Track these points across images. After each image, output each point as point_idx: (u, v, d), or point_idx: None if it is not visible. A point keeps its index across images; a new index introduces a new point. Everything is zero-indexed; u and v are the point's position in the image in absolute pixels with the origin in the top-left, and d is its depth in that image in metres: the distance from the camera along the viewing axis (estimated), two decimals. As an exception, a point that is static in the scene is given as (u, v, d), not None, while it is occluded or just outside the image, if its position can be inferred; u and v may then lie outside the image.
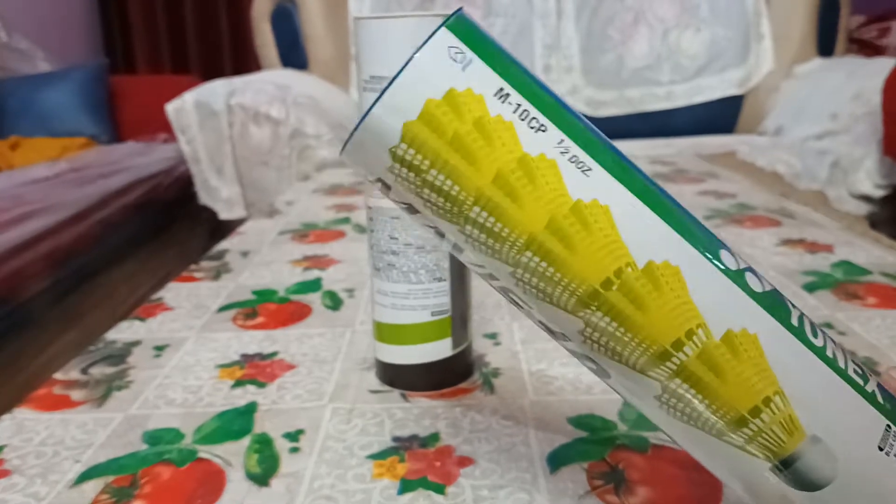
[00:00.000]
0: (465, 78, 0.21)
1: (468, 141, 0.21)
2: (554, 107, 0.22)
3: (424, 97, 0.21)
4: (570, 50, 1.72)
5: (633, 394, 0.24)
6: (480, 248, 0.23)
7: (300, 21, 1.82)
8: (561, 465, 0.35)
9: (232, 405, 0.42)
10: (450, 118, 0.21)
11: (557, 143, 0.21)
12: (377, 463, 0.36)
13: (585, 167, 0.21)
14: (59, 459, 0.37)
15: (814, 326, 0.23)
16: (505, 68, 0.22)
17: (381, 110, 0.21)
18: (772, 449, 0.22)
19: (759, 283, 0.22)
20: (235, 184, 1.50)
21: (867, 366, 0.45)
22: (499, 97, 0.21)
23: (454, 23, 0.22)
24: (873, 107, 1.29)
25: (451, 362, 0.43)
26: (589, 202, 0.21)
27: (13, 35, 2.48)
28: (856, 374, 0.22)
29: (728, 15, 1.70)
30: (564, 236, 0.21)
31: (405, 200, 0.23)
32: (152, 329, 0.54)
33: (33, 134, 2.29)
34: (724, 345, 0.21)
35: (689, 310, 0.21)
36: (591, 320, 0.22)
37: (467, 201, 0.22)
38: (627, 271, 0.21)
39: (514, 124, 0.21)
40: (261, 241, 0.78)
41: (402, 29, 0.36)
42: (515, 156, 0.21)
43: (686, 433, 0.23)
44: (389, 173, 0.22)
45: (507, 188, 0.21)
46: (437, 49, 0.21)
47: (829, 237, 0.74)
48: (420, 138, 0.21)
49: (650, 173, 1.15)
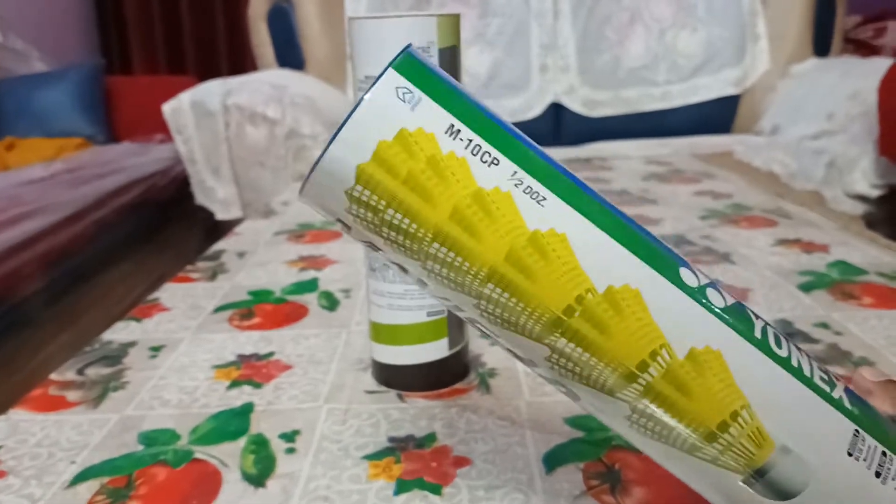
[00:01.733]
0: (416, 117, 0.21)
1: (422, 179, 0.21)
2: (506, 139, 0.22)
3: (376, 139, 0.21)
4: (566, 50, 1.72)
5: (604, 414, 0.24)
6: (443, 282, 0.23)
7: (296, 21, 1.82)
8: (557, 466, 0.35)
9: (228, 406, 0.42)
10: (402, 158, 0.21)
11: (511, 175, 0.22)
12: (373, 463, 0.36)
13: (540, 197, 0.22)
14: (54, 460, 0.37)
15: (778, 337, 0.23)
16: (455, 104, 0.22)
17: (335, 152, 0.22)
18: (742, 461, 0.22)
19: (720, 299, 0.23)
20: (232, 184, 1.50)
21: (863, 366, 0.45)
22: (450, 134, 0.22)
23: (401, 62, 0.22)
24: (869, 107, 1.29)
25: (448, 363, 0.43)
26: (546, 231, 0.22)
27: (9, 35, 2.47)
28: (822, 381, 0.23)
29: (724, 15, 1.71)
30: (524, 267, 0.22)
31: (366, 239, 0.24)
32: (148, 330, 0.54)
33: (29, 134, 2.29)
34: (689, 363, 0.22)
35: (651, 331, 0.22)
36: (557, 346, 0.22)
37: (426, 238, 0.22)
38: (588, 297, 0.22)
39: (466, 160, 0.22)
40: (257, 242, 0.78)
41: (397, 29, 0.36)
42: (470, 191, 0.22)
43: (659, 450, 0.23)
44: (348, 214, 0.23)
45: (464, 223, 0.22)
46: (385, 90, 0.21)
47: (825, 237, 0.74)
48: (375, 179, 0.22)
49: (646, 173, 1.16)
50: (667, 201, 0.94)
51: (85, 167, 1.96)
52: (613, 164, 1.27)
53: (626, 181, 1.10)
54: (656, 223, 0.82)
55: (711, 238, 0.75)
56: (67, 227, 1.65)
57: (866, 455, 0.22)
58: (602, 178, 1.13)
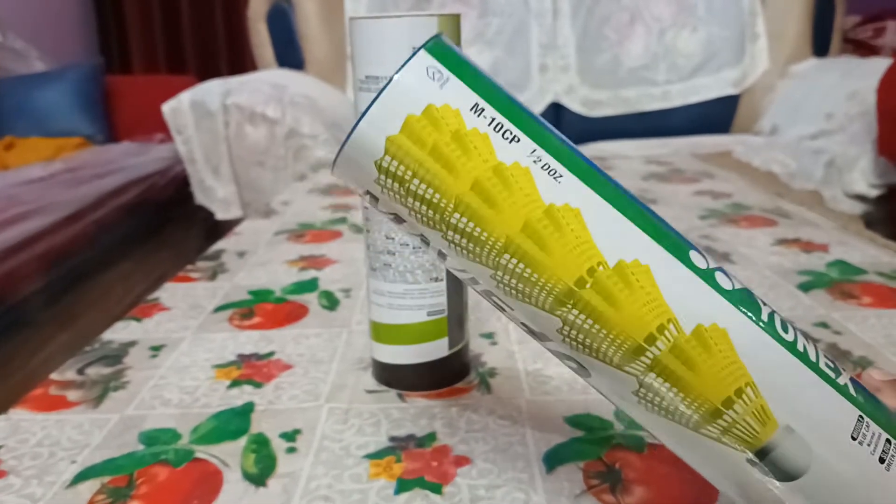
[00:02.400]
0: (443, 95, 0.23)
1: (447, 151, 0.23)
2: (527, 120, 0.24)
3: (405, 112, 0.23)
4: (566, 49, 1.73)
5: (612, 391, 0.24)
6: (462, 252, 0.24)
7: (296, 21, 1.82)
8: (557, 465, 0.36)
9: (228, 405, 0.42)
10: (429, 131, 0.23)
11: (530, 153, 0.23)
12: (374, 463, 0.36)
13: (557, 174, 0.23)
14: (55, 460, 0.37)
15: (785, 323, 0.24)
16: (480, 86, 0.23)
17: (366, 126, 0.23)
18: (747, 440, 0.23)
19: (728, 282, 0.24)
20: (231, 184, 1.50)
21: (862, 365, 0.45)
22: (474, 111, 0.23)
23: (433, 45, 0.24)
24: (868, 107, 1.29)
25: (448, 362, 0.43)
26: (561, 206, 0.23)
27: (8, 34, 2.47)
28: (828, 367, 0.23)
29: (724, 14, 1.71)
30: (539, 238, 0.23)
31: (392, 210, 0.25)
32: (148, 329, 0.54)
33: (28, 134, 2.29)
34: (695, 339, 0.22)
35: (659, 305, 0.22)
36: (568, 318, 0.23)
37: (448, 208, 0.23)
38: (599, 270, 0.23)
39: (489, 136, 0.23)
40: (257, 242, 0.78)
41: (397, 29, 0.36)
42: (491, 164, 0.23)
43: (666, 429, 0.24)
44: (376, 185, 0.24)
45: (484, 195, 0.23)
46: (416, 69, 0.23)
47: (824, 237, 0.74)
48: (403, 150, 0.23)
49: (646, 173, 1.16)
50: (667, 201, 0.94)
51: (84, 167, 1.96)
52: (613, 163, 1.27)
53: (626, 181, 1.10)
54: (656, 223, 0.82)
55: (711, 237, 0.75)
56: (67, 226, 1.65)
57: (870, 440, 0.22)
58: (602, 177, 1.13)
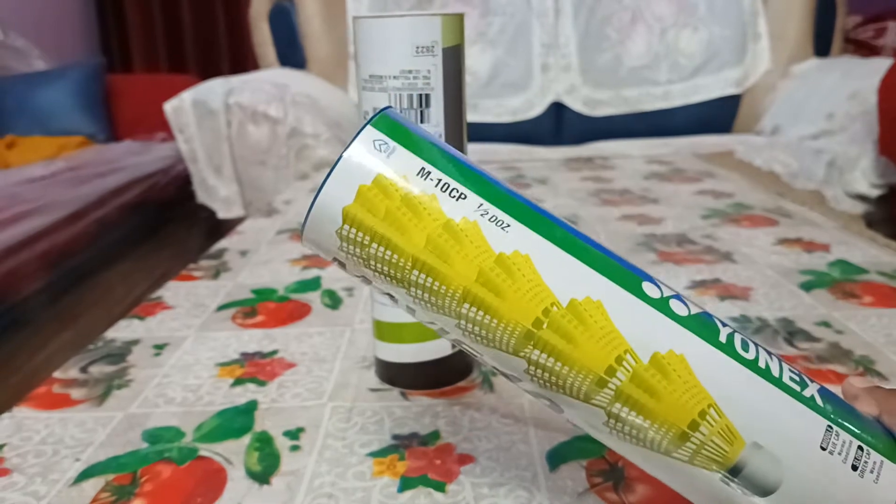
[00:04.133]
0: (391, 163, 0.25)
1: (399, 215, 0.25)
2: (472, 176, 0.25)
3: (357, 184, 0.25)
4: (567, 49, 1.72)
5: (585, 423, 0.26)
6: (426, 306, 0.26)
7: (298, 20, 1.82)
8: (560, 463, 0.36)
9: (232, 403, 0.42)
10: (381, 198, 0.25)
11: (477, 207, 0.25)
12: (377, 461, 0.36)
13: (504, 224, 0.25)
14: (58, 458, 0.37)
15: (745, 342, 0.25)
16: (425, 151, 0.25)
17: (323, 199, 0.25)
18: (717, 459, 0.23)
19: (684, 308, 0.25)
20: (233, 183, 1.50)
21: (864, 364, 0.46)
22: (421, 175, 0.25)
23: (378, 120, 0.26)
24: (869, 107, 1.29)
25: (451, 361, 0.43)
26: (510, 253, 0.24)
27: (9, 33, 2.47)
28: (792, 381, 0.24)
29: (725, 14, 1.71)
30: (493, 286, 0.24)
31: (359, 273, 0.27)
32: (151, 328, 0.54)
33: (30, 133, 2.28)
34: (653, 366, 0.23)
35: (615, 338, 0.24)
36: (532, 358, 0.25)
37: (407, 266, 0.25)
38: (553, 310, 0.24)
39: (436, 196, 0.25)
40: (259, 241, 0.78)
41: (402, 28, 0.36)
42: (441, 222, 0.25)
43: (641, 455, 0.25)
44: (340, 251, 0.26)
45: (437, 251, 0.24)
46: (364, 143, 0.25)
47: (825, 236, 0.74)
48: (358, 218, 0.25)
49: (647, 173, 1.16)
50: (668, 200, 0.94)
51: (86, 166, 1.96)
52: (615, 163, 1.27)
53: (628, 180, 1.10)
54: (658, 222, 0.82)
55: (713, 237, 0.75)
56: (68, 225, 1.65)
57: (841, 449, 0.23)
58: (603, 177, 1.14)
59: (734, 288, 0.60)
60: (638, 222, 0.83)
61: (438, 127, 0.38)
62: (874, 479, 0.23)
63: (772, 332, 0.51)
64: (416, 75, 0.37)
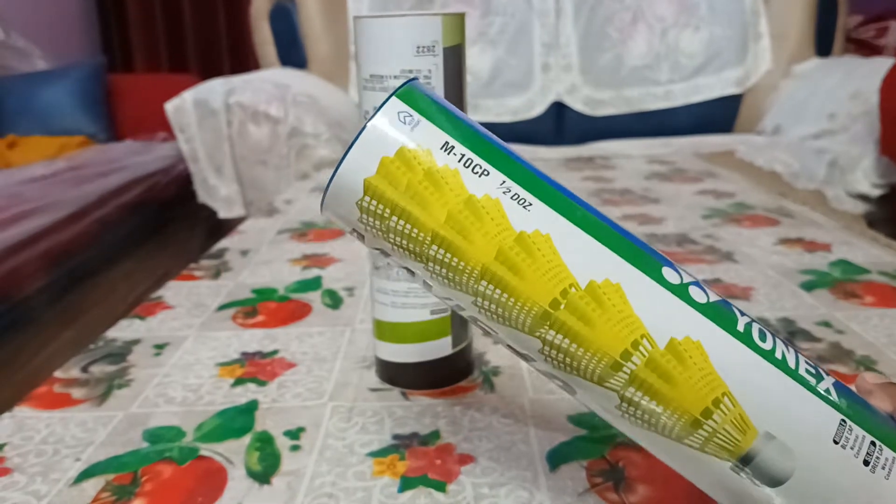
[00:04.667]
0: (414, 136, 0.25)
1: (420, 189, 0.24)
2: (496, 153, 0.25)
3: (380, 155, 0.24)
4: (568, 49, 1.72)
5: (598, 406, 0.25)
6: (444, 281, 0.25)
7: (299, 20, 1.82)
8: (561, 463, 0.36)
9: (232, 403, 0.42)
10: (403, 171, 0.24)
11: (500, 185, 0.24)
12: (377, 461, 0.36)
13: (526, 203, 0.24)
14: (59, 458, 0.37)
15: (763, 332, 0.24)
16: (449, 125, 0.25)
17: (345, 169, 0.25)
18: (728, 448, 0.23)
19: (703, 295, 0.24)
20: (234, 182, 1.50)
21: (865, 364, 0.45)
22: (444, 150, 0.25)
23: (403, 91, 0.25)
24: (871, 106, 1.29)
25: (451, 360, 0.43)
26: (531, 233, 0.24)
27: (10, 33, 2.47)
28: (808, 373, 0.24)
29: (726, 14, 1.70)
30: (512, 265, 0.24)
31: (377, 246, 0.26)
32: (152, 327, 0.54)
33: (31, 132, 2.29)
34: (669, 352, 0.23)
35: (632, 322, 0.23)
36: (547, 338, 0.24)
37: (426, 241, 0.25)
38: (572, 291, 0.24)
39: (459, 171, 0.24)
40: (260, 240, 0.78)
41: (403, 28, 0.36)
42: (462, 198, 0.24)
43: (652, 440, 0.25)
44: (360, 223, 0.26)
45: (458, 227, 0.24)
46: (388, 114, 0.25)
47: (826, 236, 0.74)
48: (379, 190, 0.25)
49: (648, 173, 1.16)
50: (669, 200, 0.94)
51: (87, 165, 1.96)
52: (616, 163, 1.27)
53: (629, 180, 1.10)
54: (659, 222, 0.82)
55: (714, 237, 0.75)
56: (70, 225, 1.65)
57: (853, 444, 0.23)
58: (604, 177, 1.14)
59: (735, 288, 0.60)
60: (639, 222, 0.83)
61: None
62: (885, 475, 0.23)
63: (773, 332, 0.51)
64: (417, 75, 0.37)
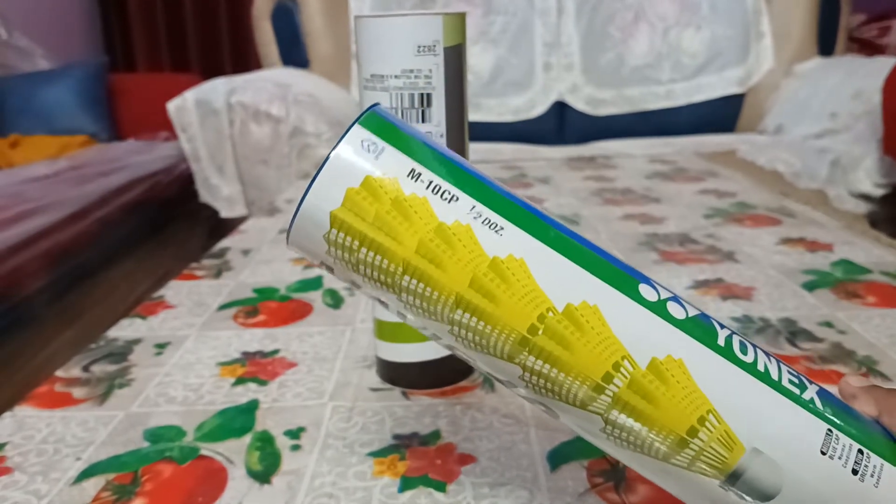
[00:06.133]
0: (380, 165, 0.24)
1: (388, 219, 0.24)
2: (464, 177, 0.24)
3: (345, 186, 0.24)
4: (570, 48, 1.72)
5: (582, 429, 0.25)
6: (418, 311, 0.25)
7: (300, 19, 1.82)
8: (561, 463, 0.36)
9: (233, 403, 0.42)
10: (370, 202, 0.24)
11: (470, 209, 0.24)
12: (378, 461, 0.36)
13: (498, 227, 0.24)
14: (60, 457, 0.37)
15: (743, 344, 0.24)
16: (415, 151, 0.24)
17: (310, 202, 0.24)
18: (716, 466, 0.23)
19: (681, 311, 0.24)
20: (236, 182, 1.50)
21: (867, 365, 0.45)
22: (411, 177, 0.24)
23: (366, 119, 0.24)
24: (873, 106, 1.29)
25: (452, 360, 0.43)
26: (505, 258, 0.23)
27: (13, 33, 2.47)
28: (791, 384, 0.24)
29: (728, 13, 1.70)
30: (487, 291, 0.23)
31: (347, 279, 0.26)
32: (153, 327, 0.54)
33: (33, 132, 2.29)
34: (651, 372, 0.23)
35: (612, 344, 0.23)
36: (527, 364, 0.24)
37: (397, 272, 0.24)
38: (549, 315, 0.23)
39: (427, 199, 0.24)
40: (261, 240, 0.78)
41: (404, 27, 0.36)
42: (432, 226, 0.24)
43: (639, 462, 0.24)
44: (328, 256, 0.25)
45: (429, 256, 0.24)
46: (352, 143, 0.24)
47: (828, 236, 0.74)
48: (346, 223, 0.24)
49: (650, 172, 1.16)
50: (671, 200, 0.94)
51: (89, 165, 1.96)
52: (617, 162, 1.27)
53: (630, 180, 1.10)
54: (660, 222, 0.82)
55: (715, 237, 0.75)
56: (71, 224, 1.65)
57: (841, 453, 0.23)
58: (606, 176, 1.13)
59: (737, 288, 0.60)
60: (640, 222, 0.83)
61: (440, 126, 0.38)
62: (874, 483, 0.22)
63: (774, 332, 0.51)
64: (418, 75, 0.37)
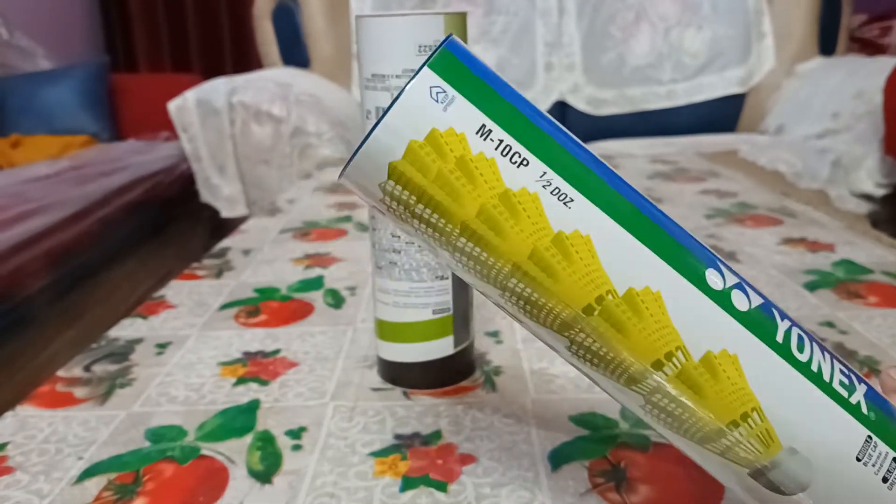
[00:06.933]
0: (447, 117, 0.22)
1: (451, 179, 0.22)
2: (539, 137, 0.23)
3: (408, 138, 0.22)
4: (571, 48, 1.72)
5: (619, 398, 0.25)
6: (471, 272, 0.24)
7: (301, 19, 1.82)
8: (562, 463, 0.36)
9: (234, 403, 0.42)
10: (433, 158, 0.22)
11: (539, 177, 0.22)
12: (379, 460, 0.36)
13: (567, 199, 0.22)
14: (61, 456, 0.37)
15: (801, 340, 0.23)
16: (488, 103, 0.22)
17: (368, 150, 0.22)
18: (749, 457, 0.23)
19: (745, 301, 0.23)
20: (237, 182, 1.50)
21: (868, 365, 0.45)
22: (480, 135, 0.22)
23: (437, 60, 0.22)
24: (874, 106, 1.29)
25: (453, 360, 0.43)
26: (570, 233, 0.22)
27: (14, 33, 2.48)
28: (841, 385, 0.23)
29: (729, 13, 1.70)
30: (546, 266, 0.22)
31: (400, 227, 0.25)
32: (154, 327, 0.54)
33: (34, 132, 2.29)
34: (703, 365, 0.22)
35: (668, 333, 0.22)
36: (576, 339, 0.23)
37: (454, 233, 0.23)
38: (608, 298, 0.22)
39: (496, 161, 0.22)
40: (262, 240, 0.78)
41: (404, 27, 0.36)
42: (497, 192, 0.22)
43: (671, 436, 0.24)
44: (382, 203, 0.24)
45: (490, 222, 0.22)
46: (419, 90, 0.22)
47: (830, 236, 0.74)
48: (405, 176, 0.22)
49: (651, 172, 1.15)
50: (672, 200, 0.94)
51: (90, 165, 1.96)
52: (618, 162, 1.27)
53: (631, 180, 1.09)
54: (661, 222, 0.82)
55: (717, 237, 0.75)
56: (72, 224, 1.66)
57: (875, 461, 0.22)
58: (607, 176, 1.13)
59: (738, 288, 0.60)
60: (641, 222, 0.82)
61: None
62: None
63: (775, 332, 0.51)
64: (419, 74, 0.37)
